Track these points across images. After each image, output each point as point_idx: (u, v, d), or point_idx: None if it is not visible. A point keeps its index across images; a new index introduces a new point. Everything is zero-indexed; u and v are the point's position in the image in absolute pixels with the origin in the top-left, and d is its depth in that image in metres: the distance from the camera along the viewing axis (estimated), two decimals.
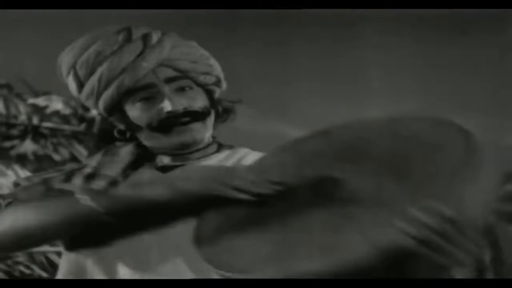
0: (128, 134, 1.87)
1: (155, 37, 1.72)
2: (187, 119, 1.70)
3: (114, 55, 1.69)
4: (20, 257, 6.36)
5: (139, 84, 1.69)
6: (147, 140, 1.79)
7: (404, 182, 1.38)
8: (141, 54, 1.67)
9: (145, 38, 1.71)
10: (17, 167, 7.56)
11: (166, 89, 1.69)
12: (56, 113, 8.83)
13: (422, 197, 1.29)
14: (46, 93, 9.29)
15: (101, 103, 1.82)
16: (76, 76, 1.77)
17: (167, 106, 1.69)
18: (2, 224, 1.66)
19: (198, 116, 1.72)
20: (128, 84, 1.68)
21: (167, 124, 1.70)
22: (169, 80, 1.70)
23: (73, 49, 1.78)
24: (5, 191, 7.06)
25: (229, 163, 1.75)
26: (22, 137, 8.09)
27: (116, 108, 1.81)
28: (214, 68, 1.79)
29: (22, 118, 8.38)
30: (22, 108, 8.56)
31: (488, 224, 1.34)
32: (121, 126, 1.87)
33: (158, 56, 1.68)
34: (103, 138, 1.96)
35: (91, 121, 8.75)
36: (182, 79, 1.71)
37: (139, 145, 1.84)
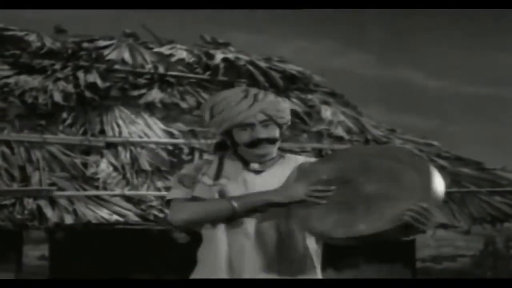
0: (228, 145, 3.07)
1: (261, 95, 3.02)
2: (266, 142, 2.98)
3: (236, 104, 2.99)
4: (154, 201, 6.53)
5: (246, 121, 2.97)
6: (242, 152, 3.02)
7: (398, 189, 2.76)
8: (251, 105, 2.97)
9: (256, 95, 3.01)
10: (146, 115, 7.72)
11: (259, 125, 2.97)
12: (181, 61, 8.97)
13: (413, 199, 2.71)
14: (170, 42, 9.44)
15: (221, 128, 3.03)
16: (211, 112, 3.03)
17: (259, 134, 2.97)
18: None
19: (272, 141, 3.00)
20: (241, 120, 2.96)
21: (256, 143, 2.97)
22: (261, 122, 2.98)
23: (215, 97, 3.11)
24: (136, 138, 7.27)
25: (291, 168, 3.02)
26: (149, 85, 8.24)
27: (228, 132, 3.03)
28: (287, 114, 3.06)
29: (149, 67, 8.53)
30: (148, 57, 8.73)
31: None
32: (228, 142, 3.06)
33: (259, 107, 2.98)
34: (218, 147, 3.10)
35: (215, 69, 8.85)
36: (268, 120, 2.98)
37: (236, 154, 3.06)
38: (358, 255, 8.09)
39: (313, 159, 3.10)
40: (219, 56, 8.99)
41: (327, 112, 8.86)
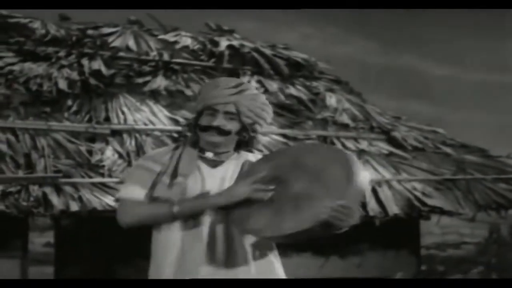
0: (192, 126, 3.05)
1: (247, 92, 2.99)
2: (216, 131, 2.95)
3: (219, 89, 2.98)
4: None
5: (213, 106, 2.95)
6: (199, 138, 3.01)
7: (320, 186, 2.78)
8: (230, 95, 2.96)
9: (242, 90, 2.98)
10: (150, 103, 7.72)
11: (222, 114, 2.96)
12: (186, 48, 8.96)
13: (334, 197, 2.72)
14: (175, 29, 9.43)
15: (196, 108, 3.04)
16: (200, 91, 3.09)
17: (213, 121, 2.95)
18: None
19: (222, 132, 2.95)
20: (210, 104, 2.97)
21: (207, 128, 2.96)
22: (226, 112, 2.96)
23: (212, 80, 3.23)
24: (141, 125, 7.27)
25: (239, 164, 3.03)
26: (154, 73, 8.23)
27: (200, 113, 3.02)
28: (259, 118, 3.00)
29: (153, 54, 8.52)
30: (152, 44, 8.72)
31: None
32: (193, 124, 3.06)
33: (236, 99, 2.96)
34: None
35: (220, 56, 8.84)
36: (233, 114, 2.96)
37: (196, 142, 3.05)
38: (363, 243, 8.10)
39: (259, 157, 3.09)
40: (223, 43, 8.98)
41: (332, 99, 8.85)
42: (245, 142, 3.05)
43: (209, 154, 2.99)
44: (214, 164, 2.99)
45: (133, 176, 3.00)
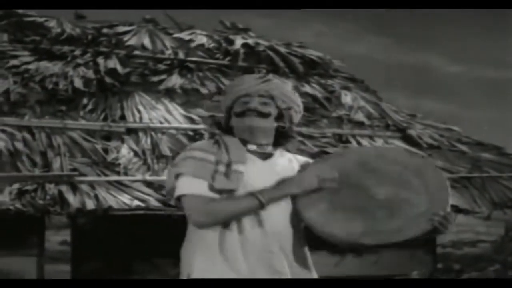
0: (224, 124, 2.99)
1: (275, 80, 2.99)
2: (255, 114, 2.88)
3: (247, 81, 2.98)
4: None
5: (246, 93, 2.92)
6: (235, 130, 2.93)
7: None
8: (259, 83, 2.94)
9: (270, 79, 2.97)
10: (166, 101, 7.73)
11: (257, 98, 2.91)
12: (201, 46, 8.96)
13: (432, 204, 2.72)
14: (190, 27, 9.43)
15: (227, 102, 2.98)
16: (226, 90, 3.13)
17: (251, 104, 2.89)
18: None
19: (262, 114, 2.88)
20: (243, 92, 2.92)
21: (245, 112, 2.88)
22: (260, 95, 2.91)
23: (235, 80, 3.17)
24: (156, 124, 7.29)
25: (295, 165, 2.98)
26: (169, 71, 8.24)
27: (230, 109, 2.96)
28: (292, 102, 3.00)
29: (168, 52, 8.53)
30: (167, 42, 8.73)
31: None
32: (225, 119, 2.99)
33: (266, 86, 2.93)
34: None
35: (235, 54, 8.83)
36: (267, 97, 2.92)
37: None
38: None
39: (304, 159, 3.05)
40: (239, 41, 8.97)
41: (347, 98, 8.83)
42: (284, 134, 2.96)
43: (252, 146, 2.89)
44: (264, 156, 2.90)
45: (191, 169, 2.81)
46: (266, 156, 2.91)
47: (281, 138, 2.98)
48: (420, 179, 2.78)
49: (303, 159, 3.05)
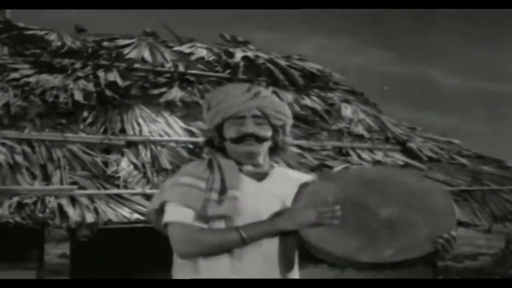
0: (216, 143, 2.87)
1: (263, 93, 2.85)
2: (252, 139, 2.78)
3: (234, 97, 2.81)
4: None
5: (238, 114, 2.78)
6: (229, 152, 2.82)
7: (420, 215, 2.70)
8: (249, 100, 2.80)
9: (257, 93, 2.83)
10: (166, 114, 7.73)
11: (251, 120, 2.79)
12: (201, 59, 8.97)
13: (438, 225, 2.67)
14: (190, 40, 9.45)
15: (215, 121, 2.84)
16: (209, 104, 2.87)
17: (247, 129, 2.78)
18: None
19: (259, 139, 2.79)
20: (234, 112, 2.78)
21: (242, 138, 2.78)
22: (254, 116, 2.79)
23: (216, 90, 3.08)
24: (156, 137, 7.28)
25: (292, 180, 2.88)
26: (169, 84, 8.24)
27: (220, 127, 2.83)
28: (285, 116, 2.86)
29: (169, 65, 8.54)
30: (167, 55, 8.74)
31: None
32: (215, 141, 2.86)
33: (257, 103, 2.80)
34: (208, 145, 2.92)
35: (235, 67, 8.85)
36: (261, 117, 2.80)
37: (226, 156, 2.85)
38: None
39: (307, 176, 2.97)
40: (239, 54, 8.99)
41: (347, 110, 8.83)
42: (276, 149, 2.88)
43: (248, 167, 2.82)
44: (259, 177, 2.83)
45: (179, 196, 2.73)
46: (261, 177, 2.83)
47: (273, 152, 2.90)
48: (427, 202, 2.74)
49: (302, 176, 2.97)
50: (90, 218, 6.12)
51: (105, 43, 8.56)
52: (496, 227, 8.28)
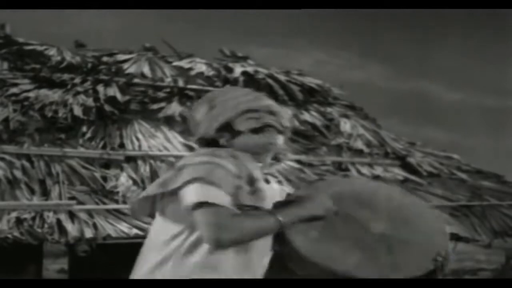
0: (223, 141, 2.69)
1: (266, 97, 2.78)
2: (274, 129, 2.70)
3: (244, 95, 2.76)
4: None
5: (254, 107, 2.70)
6: (244, 146, 2.66)
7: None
8: (259, 98, 2.74)
9: (259, 95, 2.76)
10: (165, 129, 7.73)
11: (266, 114, 2.70)
12: (200, 74, 8.98)
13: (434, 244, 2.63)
14: (189, 56, 9.47)
15: (224, 117, 2.71)
16: (210, 104, 2.76)
17: (267, 119, 2.69)
18: None
19: (279, 130, 2.70)
20: (250, 106, 2.69)
21: (263, 128, 2.67)
22: (267, 112, 2.73)
23: (214, 91, 2.89)
24: (155, 152, 7.28)
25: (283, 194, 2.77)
26: (168, 99, 8.25)
27: (226, 126, 2.69)
28: (288, 121, 2.78)
29: (168, 80, 8.55)
30: (167, 70, 8.75)
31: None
32: (220, 140, 2.69)
33: (266, 102, 2.73)
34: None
35: (234, 82, 8.85)
36: (273, 115, 2.72)
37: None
38: None
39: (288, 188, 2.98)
40: (238, 69, 9.00)
41: (346, 125, 8.83)
42: (276, 155, 2.85)
43: (259, 165, 2.69)
44: (264, 178, 2.68)
45: (215, 177, 2.47)
46: (265, 178, 2.70)
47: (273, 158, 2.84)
48: (419, 219, 2.71)
49: (282, 187, 2.91)
50: (89, 233, 6.10)
51: (105, 58, 8.58)
52: (496, 242, 8.25)
